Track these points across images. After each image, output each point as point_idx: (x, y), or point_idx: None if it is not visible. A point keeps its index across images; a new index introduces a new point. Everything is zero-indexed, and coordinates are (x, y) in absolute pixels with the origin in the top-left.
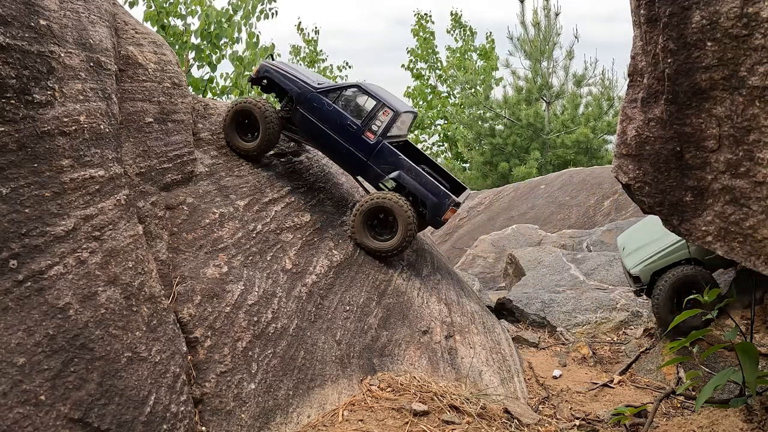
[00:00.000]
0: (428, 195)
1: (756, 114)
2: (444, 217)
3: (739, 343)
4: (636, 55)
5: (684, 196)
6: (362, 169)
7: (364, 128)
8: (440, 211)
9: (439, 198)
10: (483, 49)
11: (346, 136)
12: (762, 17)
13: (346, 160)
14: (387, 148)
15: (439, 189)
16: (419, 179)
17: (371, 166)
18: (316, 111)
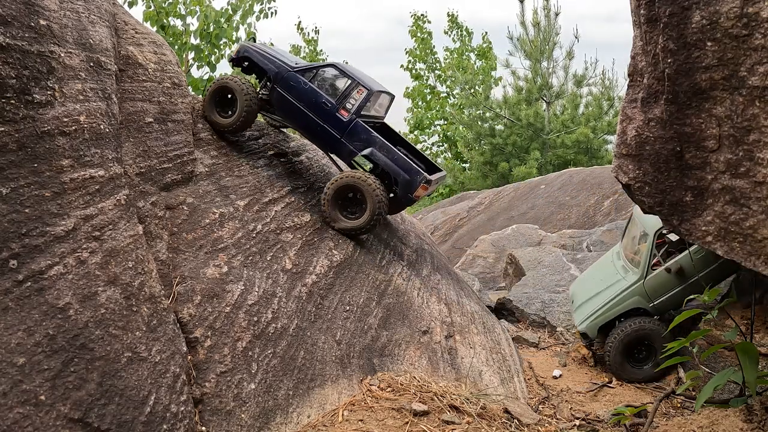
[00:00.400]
0: (400, 172)
1: (756, 114)
2: (416, 194)
3: (739, 343)
4: (636, 55)
5: (684, 196)
6: (335, 146)
7: (339, 106)
8: (412, 187)
9: (411, 175)
10: (480, 49)
11: (320, 114)
12: (762, 17)
13: (320, 138)
14: (360, 125)
15: (411, 166)
16: (391, 156)
17: (344, 143)
18: (293, 89)
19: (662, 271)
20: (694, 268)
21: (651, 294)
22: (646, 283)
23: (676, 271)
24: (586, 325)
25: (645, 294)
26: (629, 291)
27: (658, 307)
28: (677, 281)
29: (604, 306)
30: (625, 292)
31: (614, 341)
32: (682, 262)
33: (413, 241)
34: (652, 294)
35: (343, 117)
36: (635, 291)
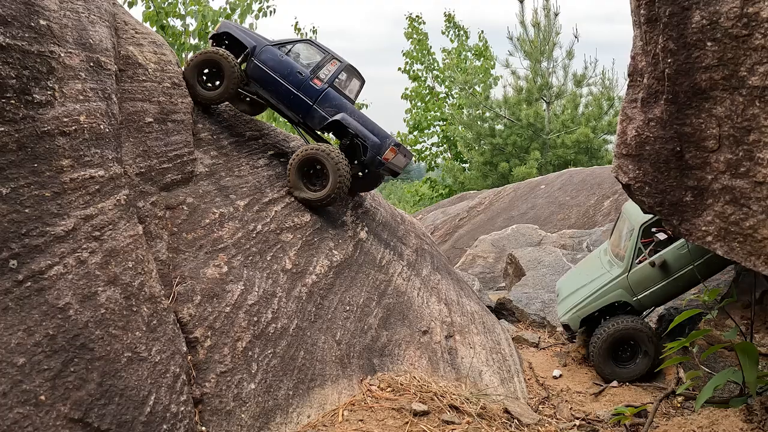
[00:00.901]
0: (369, 135)
1: (756, 114)
2: (384, 156)
3: (739, 343)
4: (636, 55)
5: (684, 196)
6: (307, 112)
7: (313, 76)
8: (381, 149)
9: (380, 138)
10: (477, 49)
11: (294, 83)
12: (762, 17)
13: (293, 105)
14: (333, 93)
15: (381, 130)
16: (361, 121)
17: (316, 110)
18: (270, 61)
19: (646, 265)
20: (677, 263)
21: (634, 288)
22: (630, 277)
23: (660, 265)
24: (569, 316)
25: (629, 288)
26: (613, 284)
27: (642, 302)
28: (661, 276)
29: (588, 298)
30: (608, 285)
31: (598, 340)
32: (666, 257)
33: (413, 241)
34: (635, 288)
35: (317, 85)
36: (619, 284)
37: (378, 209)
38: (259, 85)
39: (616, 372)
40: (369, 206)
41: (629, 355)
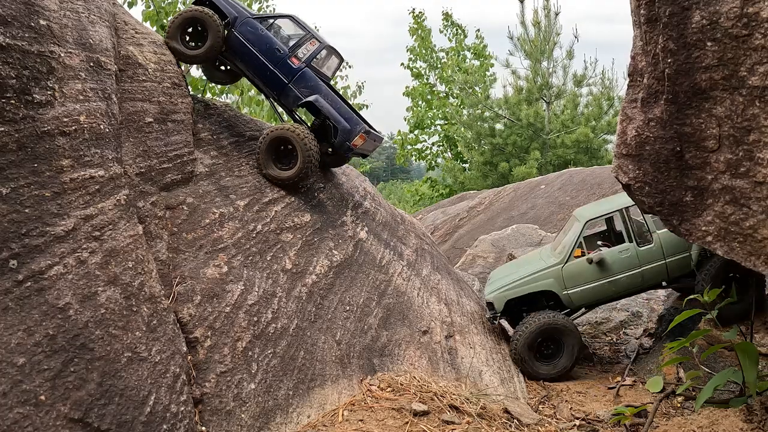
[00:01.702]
0: (340, 120)
1: (756, 114)
2: (353, 142)
3: (739, 343)
4: (636, 55)
5: (684, 196)
6: (283, 90)
7: (291, 54)
8: (351, 135)
9: (351, 124)
10: (476, 48)
11: (272, 59)
12: (762, 17)
13: (269, 81)
14: (309, 74)
15: (352, 116)
16: (334, 105)
17: (291, 89)
18: (249, 34)
19: (583, 261)
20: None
21: (567, 280)
22: (565, 268)
23: (596, 262)
24: (495, 295)
25: (561, 279)
26: (546, 272)
27: (571, 297)
28: (596, 274)
29: (518, 281)
30: (541, 272)
31: (522, 333)
32: (605, 256)
33: (413, 241)
34: (567, 281)
35: (294, 64)
36: (552, 273)
37: (378, 209)
38: (237, 57)
39: (538, 368)
40: (369, 206)
41: (552, 352)
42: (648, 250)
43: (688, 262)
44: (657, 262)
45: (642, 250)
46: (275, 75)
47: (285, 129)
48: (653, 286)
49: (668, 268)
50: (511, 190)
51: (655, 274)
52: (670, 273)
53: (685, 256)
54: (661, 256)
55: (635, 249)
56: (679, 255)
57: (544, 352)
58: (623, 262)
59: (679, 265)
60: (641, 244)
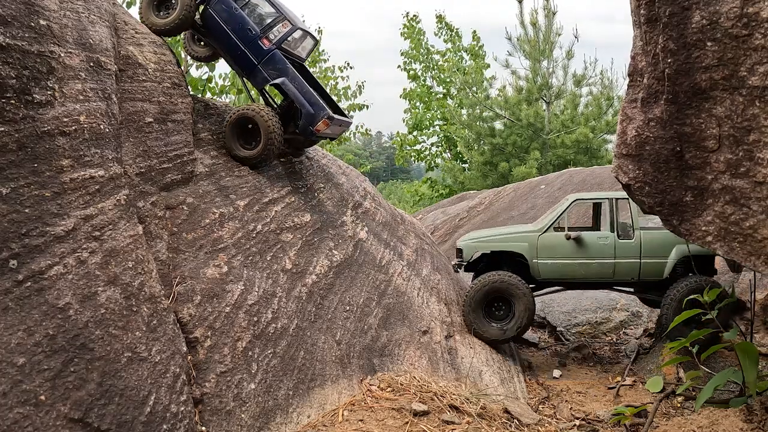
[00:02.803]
0: (305, 104)
1: (756, 114)
2: (316, 127)
3: (739, 343)
4: (636, 55)
5: (684, 196)
6: (251, 71)
7: (262, 35)
8: (314, 120)
9: (315, 109)
10: (472, 49)
11: (243, 39)
12: (762, 17)
13: (239, 60)
14: (278, 56)
15: (317, 101)
16: (300, 89)
17: (260, 70)
18: (223, 12)
19: (561, 235)
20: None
21: (540, 249)
22: (541, 237)
23: (574, 238)
24: (467, 243)
25: (535, 246)
26: (522, 235)
27: (539, 267)
28: (570, 251)
29: (492, 237)
30: (517, 234)
31: (472, 288)
32: (584, 236)
33: (413, 241)
34: (541, 249)
35: (264, 45)
36: (528, 238)
37: (378, 209)
38: (211, 33)
39: (487, 328)
40: (369, 206)
41: (503, 314)
42: (626, 244)
43: (661, 270)
44: (632, 258)
45: (620, 242)
46: (245, 55)
47: (250, 109)
48: (622, 284)
49: (641, 268)
50: (511, 190)
51: (627, 269)
52: (642, 273)
53: (661, 261)
54: (637, 254)
55: (614, 239)
56: (655, 259)
57: (495, 312)
58: (600, 247)
59: (653, 269)
60: (621, 237)
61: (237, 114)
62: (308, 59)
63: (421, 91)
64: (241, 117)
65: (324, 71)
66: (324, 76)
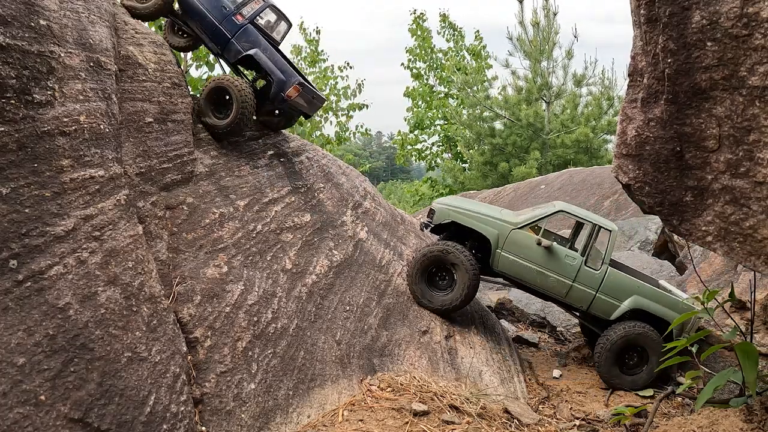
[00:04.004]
0: (275, 70)
1: (756, 114)
2: (287, 93)
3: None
4: (636, 55)
5: (684, 196)
6: (225, 45)
7: (236, 11)
8: (285, 86)
9: (286, 75)
10: (473, 49)
11: (218, 15)
12: (762, 17)
13: (215, 36)
14: (251, 30)
15: (288, 68)
16: (272, 59)
17: (233, 43)
18: None
19: (533, 238)
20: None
21: (507, 242)
22: (513, 231)
23: (544, 247)
24: (441, 207)
25: (504, 237)
26: (496, 222)
27: (499, 259)
28: (534, 256)
29: (469, 211)
30: (492, 219)
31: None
32: (555, 248)
33: (413, 241)
34: (508, 243)
35: (238, 20)
36: (500, 227)
37: (378, 209)
38: (189, 16)
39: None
40: (369, 206)
41: (446, 284)
42: (590, 273)
43: (611, 311)
44: (589, 289)
45: (585, 269)
46: (220, 30)
47: (225, 80)
48: (569, 307)
49: (594, 301)
50: (511, 190)
51: (580, 297)
52: (592, 306)
53: (614, 303)
54: (596, 287)
55: (580, 264)
56: (609, 298)
57: (438, 282)
58: (563, 265)
59: (605, 306)
60: (588, 264)
61: (213, 84)
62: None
63: (423, 90)
64: (217, 87)
65: (324, 71)
66: (324, 76)
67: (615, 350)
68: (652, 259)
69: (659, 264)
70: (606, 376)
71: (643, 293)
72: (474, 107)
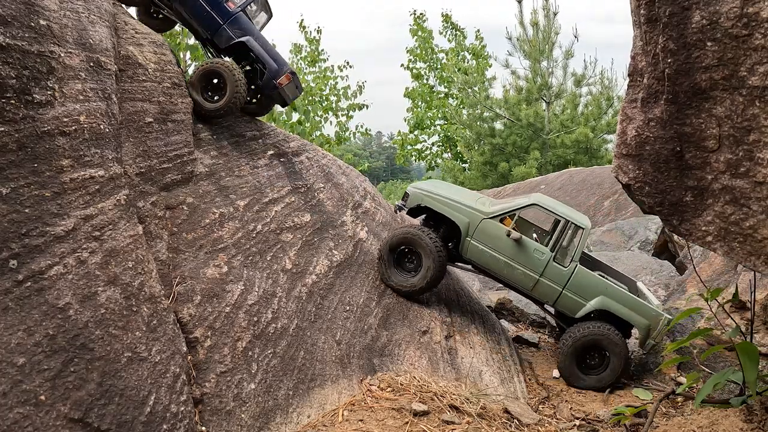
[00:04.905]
0: (269, 60)
1: (756, 114)
2: (279, 81)
3: (739, 343)
4: (636, 55)
5: (684, 196)
6: (216, 30)
7: None
8: (278, 74)
9: (278, 64)
10: (474, 48)
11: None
12: (762, 17)
13: (205, 21)
14: (243, 17)
15: (280, 57)
16: (265, 47)
17: (225, 29)
18: None
19: (504, 229)
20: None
21: (477, 231)
22: (485, 220)
23: (513, 239)
24: (416, 191)
25: (474, 226)
26: (467, 210)
27: (468, 245)
28: (502, 247)
29: (442, 197)
30: (464, 207)
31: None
32: (525, 241)
33: None
34: (478, 232)
35: (230, 8)
36: (471, 215)
37: (378, 209)
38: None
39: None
40: (369, 206)
41: (414, 266)
42: (557, 269)
43: (576, 309)
44: (555, 285)
45: (552, 265)
46: (212, 17)
47: (216, 63)
48: (536, 300)
49: (560, 297)
50: (511, 190)
51: (546, 292)
52: (558, 303)
53: (579, 301)
54: (562, 284)
55: (549, 259)
56: (575, 296)
57: (407, 264)
58: (532, 259)
59: (570, 304)
60: (557, 260)
61: (206, 67)
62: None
63: (423, 90)
64: (210, 71)
65: (323, 71)
66: (323, 76)
67: (576, 349)
68: (652, 259)
69: (659, 264)
70: (565, 374)
71: (610, 294)
72: (474, 107)
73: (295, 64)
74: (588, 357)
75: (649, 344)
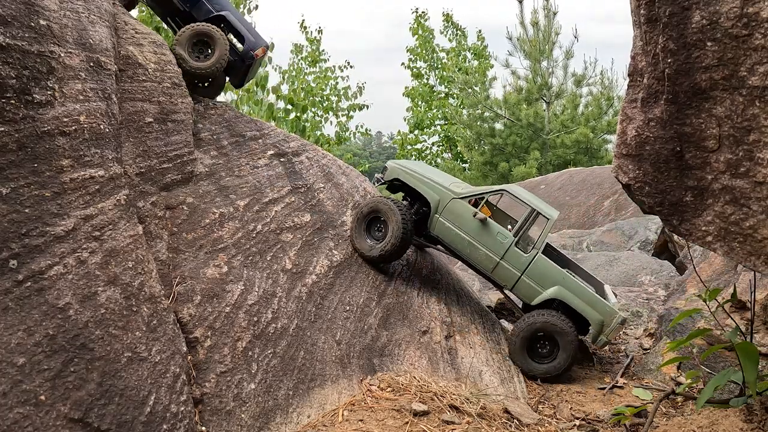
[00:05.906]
0: (248, 34)
1: (756, 114)
2: (256, 52)
3: (739, 343)
4: (636, 55)
5: (684, 196)
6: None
7: None
8: (255, 46)
9: (255, 37)
10: (476, 48)
11: None
12: (762, 17)
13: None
14: None
15: (255, 31)
16: (242, 22)
17: (204, 3)
18: None
19: (472, 209)
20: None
21: (446, 210)
22: (453, 200)
23: (479, 220)
24: (393, 165)
25: (443, 205)
26: (438, 188)
27: (435, 224)
28: (468, 228)
29: (417, 173)
30: (436, 185)
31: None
32: (489, 222)
33: None
34: (446, 211)
35: None
36: (441, 193)
37: None
38: None
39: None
40: None
41: (381, 235)
42: (517, 254)
43: (533, 296)
44: (514, 270)
45: (513, 250)
46: None
47: (206, 26)
48: (495, 283)
49: (517, 283)
50: None
51: (505, 276)
52: (515, 288)
53: (536, 289)
54: (521, 270)
55: (510, 243)
56: (532, 283)
57: (376, 233)
58: (494, 241)
59: (527, 291)
60: (518, 246)
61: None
62: None
63: (423, 90)
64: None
65: (324, 71)
66: (324, 76)
67: (527, 335)
68: (652, 259)
69: (659, 264)
70: (513, 358)
71: (567, 285)
72: (474, 107)
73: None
74: (539, 345)
75: (601, 341)
